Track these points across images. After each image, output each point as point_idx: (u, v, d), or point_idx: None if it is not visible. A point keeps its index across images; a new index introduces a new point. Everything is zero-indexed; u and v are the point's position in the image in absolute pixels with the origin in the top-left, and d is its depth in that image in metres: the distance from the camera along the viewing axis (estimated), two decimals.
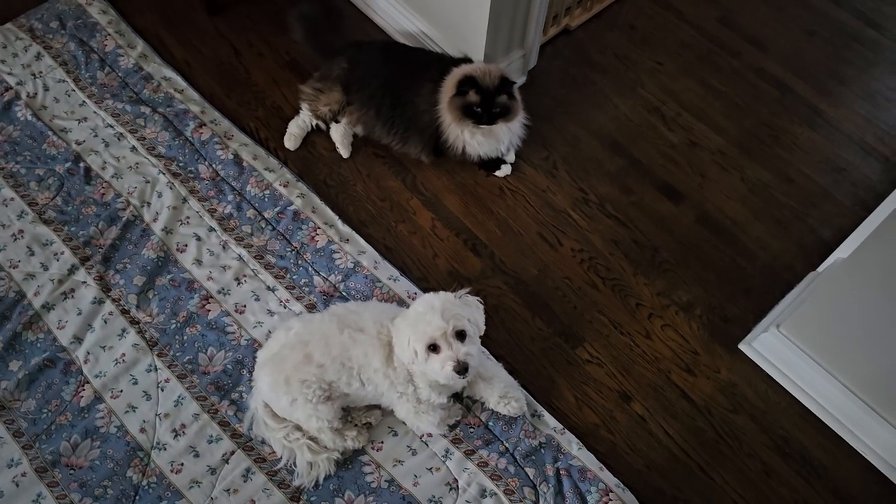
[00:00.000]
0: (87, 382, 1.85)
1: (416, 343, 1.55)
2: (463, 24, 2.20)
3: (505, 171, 2.22)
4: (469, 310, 1.61)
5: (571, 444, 1.78)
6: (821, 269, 1.98)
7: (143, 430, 1.78)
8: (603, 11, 2.60)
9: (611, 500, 1.70)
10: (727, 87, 2.44)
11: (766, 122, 2.37)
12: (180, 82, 2.36)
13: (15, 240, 2.05)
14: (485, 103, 1.99)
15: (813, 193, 2.23)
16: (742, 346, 1.95)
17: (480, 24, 2.12)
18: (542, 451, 1.77)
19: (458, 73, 2.04)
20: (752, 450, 1.81)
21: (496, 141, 2.13)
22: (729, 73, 2.47)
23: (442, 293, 1.61)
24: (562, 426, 1.81)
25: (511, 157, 2.24)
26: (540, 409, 1.83)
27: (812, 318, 1.79)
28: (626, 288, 2.04)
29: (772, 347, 1.87)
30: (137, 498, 1.70)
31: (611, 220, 2.15)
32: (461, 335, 1.56)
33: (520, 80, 2.40)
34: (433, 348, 1.55)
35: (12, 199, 2.12)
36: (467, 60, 2.14)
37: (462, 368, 1.53)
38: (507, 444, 1.78)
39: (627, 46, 2.53)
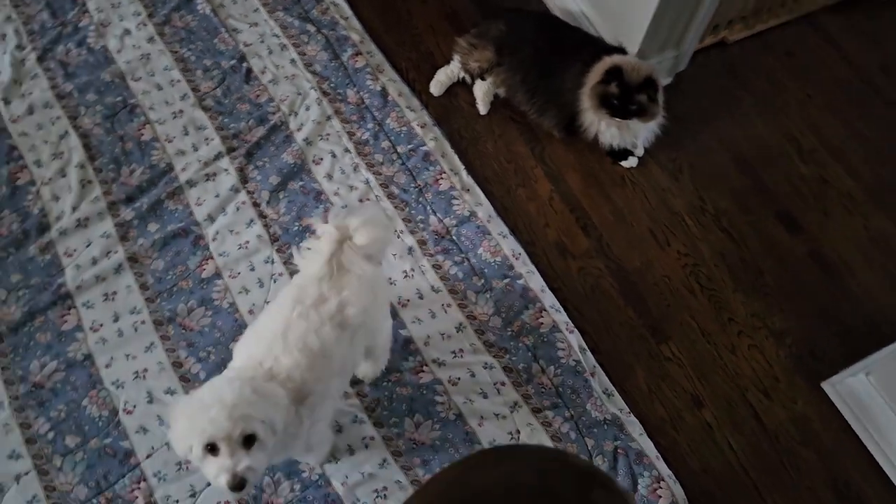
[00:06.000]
0: (212, 258, 2.03)
1: (192, 438, 1.26)
2: (626, 13, 2.24)
3: (631, 162, 2.27)
4: (267, 406, 1.29)
5: (634, 428, 1.85)
6: None
7: (251, 312, 1.95)
8: (764, 32, 2.58)
9: (661, 488, 1.76)
10: (873, 133, 2.40)
11: None
12: (346, 10, 2.51)
13: (174, 117, 2.25)
14: (623, 97, 2.04)
15: None
16: (825, 385, 1.95)
17: (644, 17, 2.16)
18: (606, 426, 1.84)
19: (608, 61, 2.09)
20: (812, 484, 1.83)
21: (630, 135, 2.18)
22: (878, 121, 2.42)
23: (240, 382, 1.30)
24: (629, 409, 1.88)
25: (640, 151, 2.28)
26: (611, 388, 1.90)
27: None
28: (723, 301, 2.06)
29: (856, 393, 1.87)
30: None
31: (723, 234, 2.17)
32: (249, 440, 1.27)
33: (666, 80, 2.42)
34: (211, 448, 1.26)
35: (179, 80, 2.32)
36: (621, 50, 2.19)
37: (237, 485, 1.25)
38: (573, 412, 1.86)
39: (781, 72, 2.51)
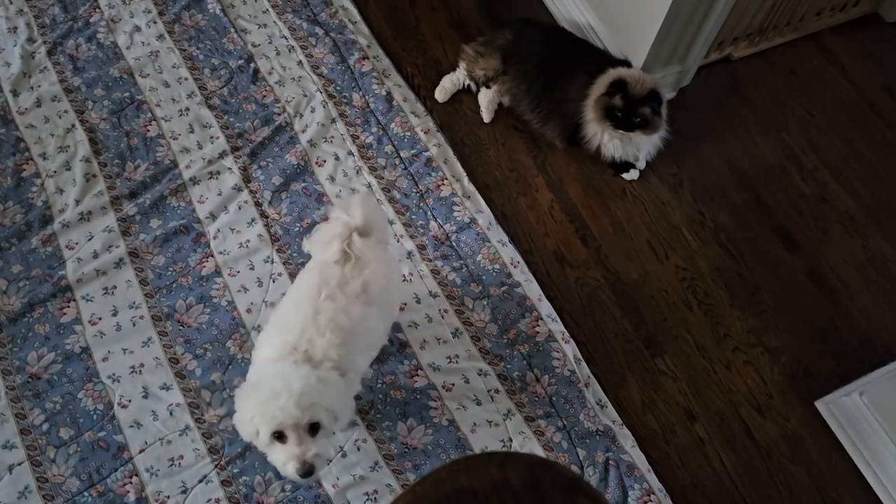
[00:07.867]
0: (212, 256, 2.04)
1: (260, 424, 1.33)
2: (633, 27, 2.26)
3: (632, 175, 2.28)
4: (330, 394, 1.37)
5: (626, 440, 1.85)
6: None
7: (248, 311, 1.96)
8: (768, 50, 2.59)
9: (651, 501, 1.76)
10: (874, 155, 2.41)
11: None
12: (355, 14, 2.52)
13: (180, 115, 2.26)
14: (627, 110, 2.06)
15: None
16: (818, 404, 1.96)
17: (650, 32, 2.18)
18: (598, 437, 1.84)
19: (613, 74, 2.11)
20: (801, 502, 1.83)
21: (632, 148, 2.19)
22: (880, 143, 2.44)
23: (305, 370, 1.38)
24: (621, 421, 1.88)
25: (641, 164, 2.29)
26: (605, 399, 1.91)
27: None
28: (719, 316, 2.07)
29: (849, 413, 1.88)
30: (230, 367, 1.89)
31: (721, 249, 2.18)
32: (314, 428, 1.34)
33: (669, 94, 2.44)
34: (279, 436, 1.34)
35: (186, 78, 2.34)
36: (626, 63, 2.21)
37: (307, 472, 1.33)
38: (565, 422, 1.87)
39: (783, 90, 2.52)
